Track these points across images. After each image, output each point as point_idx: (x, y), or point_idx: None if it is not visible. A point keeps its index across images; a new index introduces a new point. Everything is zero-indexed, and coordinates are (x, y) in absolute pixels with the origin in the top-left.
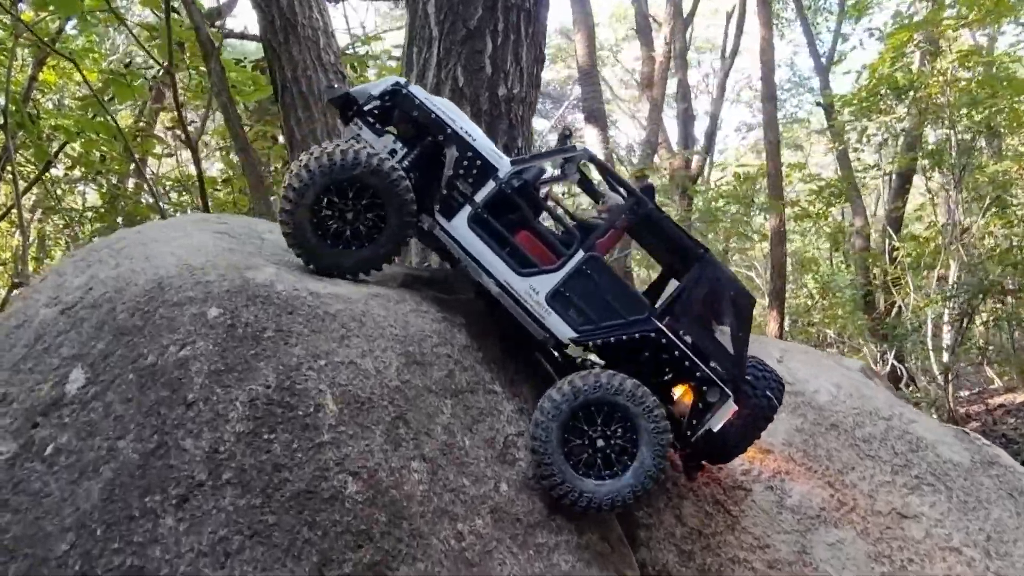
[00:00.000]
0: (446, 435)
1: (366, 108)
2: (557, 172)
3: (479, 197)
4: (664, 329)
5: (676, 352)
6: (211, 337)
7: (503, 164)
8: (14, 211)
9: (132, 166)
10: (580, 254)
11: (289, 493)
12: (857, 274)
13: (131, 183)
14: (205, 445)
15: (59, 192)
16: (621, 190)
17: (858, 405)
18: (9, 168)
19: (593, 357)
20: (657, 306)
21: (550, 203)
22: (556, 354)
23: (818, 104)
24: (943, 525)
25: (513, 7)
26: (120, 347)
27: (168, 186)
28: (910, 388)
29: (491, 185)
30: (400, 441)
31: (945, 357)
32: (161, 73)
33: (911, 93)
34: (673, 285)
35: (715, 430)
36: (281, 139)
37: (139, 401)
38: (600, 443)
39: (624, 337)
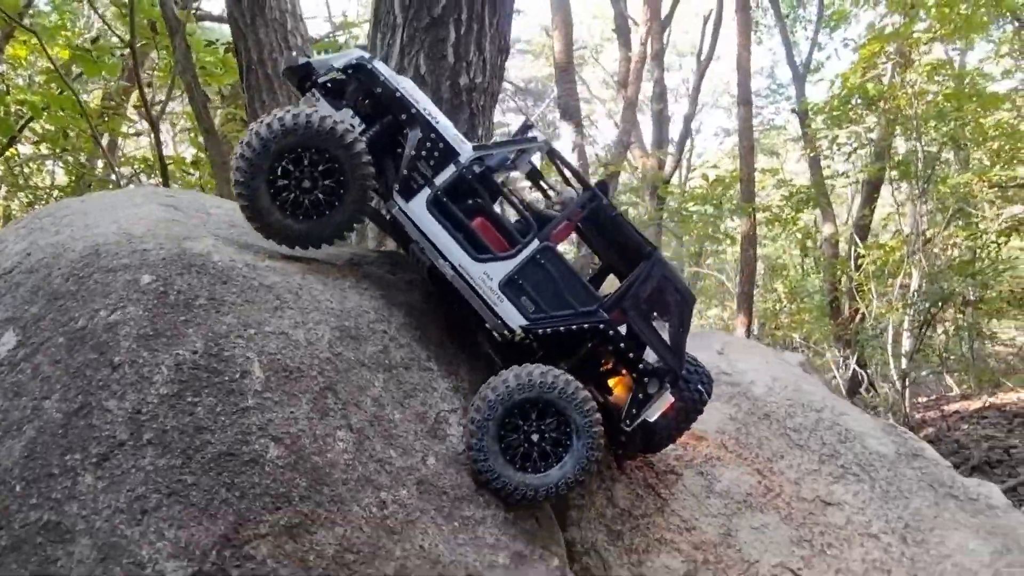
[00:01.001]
0: (376, 407)
1: (325, 80)
2: (509, 162)
3: (439, 180)
4: (612, 321)
5: (621, 344)
6: (142, 303)
7: (465, 149)
8: None
9: (99, 144)
10: (535, 243)
11: (209, 455)
12: (825, 280)
13: (100, 164)
14: (128, 406)
15: (25, 170)
16: (577, 184)
17: (792, 397)
18: None
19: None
20: (605, 299)
21: (509, 192)
22: (499, 337)
23: (793, 111)
24: (864, 513)
25: None
26: (52, 311)
27: (137, 168)
28: (870, 393)
29: (452, 169)
30: (327, 411)
31: (904, 363)
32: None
33: (881, 104)
34: (611, 281)
35: (651, 420)
36: None
37: (67, 363)
38: (535, 438)
39: (574, 327)
